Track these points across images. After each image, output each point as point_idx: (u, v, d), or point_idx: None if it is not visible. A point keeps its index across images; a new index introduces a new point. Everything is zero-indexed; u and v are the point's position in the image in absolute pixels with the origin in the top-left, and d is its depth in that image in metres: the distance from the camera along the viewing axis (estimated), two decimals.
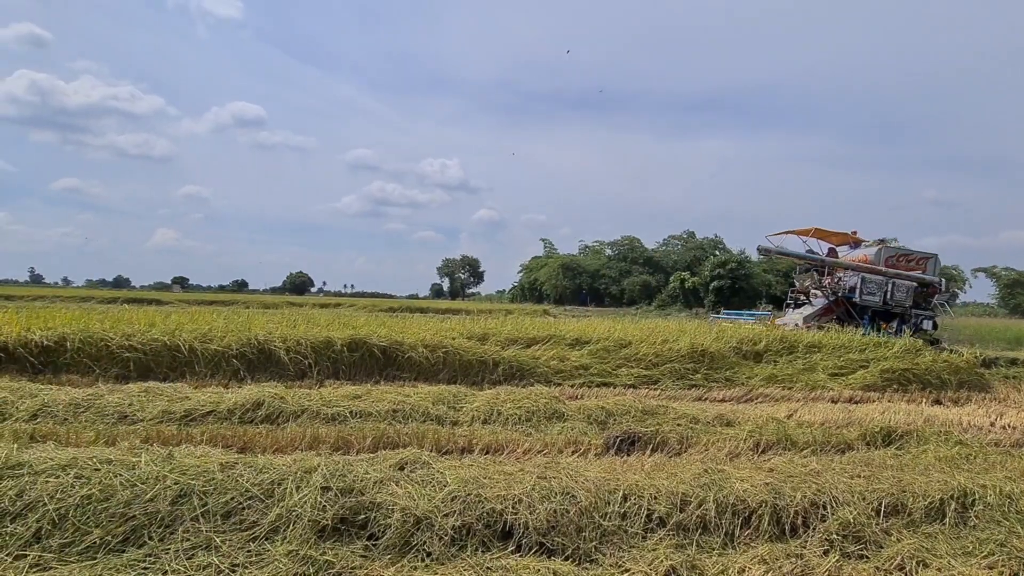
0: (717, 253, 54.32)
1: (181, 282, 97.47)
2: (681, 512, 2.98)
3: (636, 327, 10.41)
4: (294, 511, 2.65)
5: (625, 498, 3.02)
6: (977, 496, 3.24)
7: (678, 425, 5.24)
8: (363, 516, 2.72)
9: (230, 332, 7.27)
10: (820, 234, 16.42)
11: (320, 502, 2.71)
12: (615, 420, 5.38)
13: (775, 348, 9.57)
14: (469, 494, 2.87)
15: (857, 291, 14.59)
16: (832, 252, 16.64)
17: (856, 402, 7.51)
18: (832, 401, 7.50)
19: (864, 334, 11.45)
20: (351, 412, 5.15)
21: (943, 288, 15.77)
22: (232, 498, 2.69)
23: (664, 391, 7.55)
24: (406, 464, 3.20)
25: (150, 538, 2.48)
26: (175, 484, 2.71)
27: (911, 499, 3.21)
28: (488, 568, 2.51)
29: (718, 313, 20.68)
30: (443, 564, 2.53)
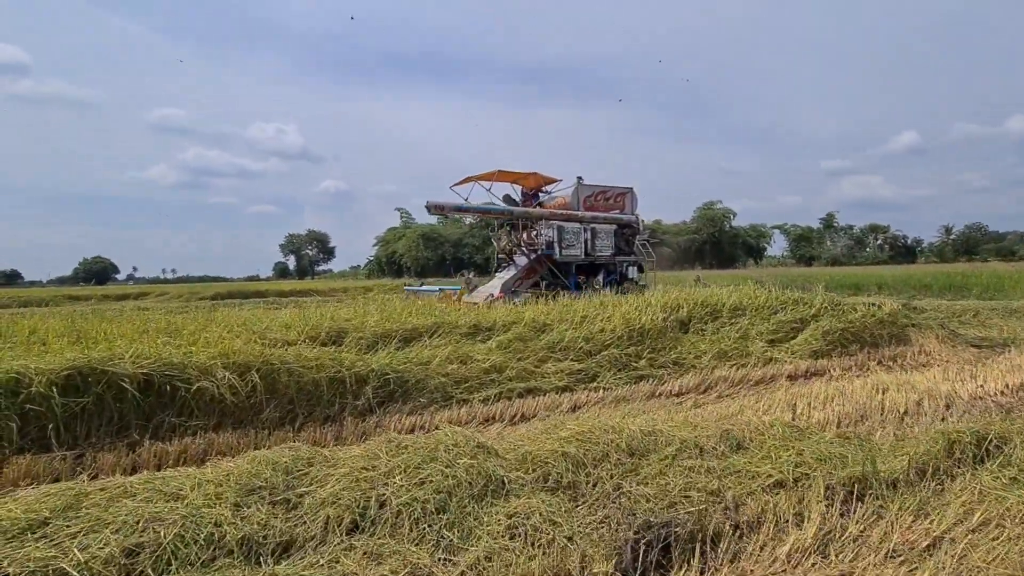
0: None
1: None
2: None
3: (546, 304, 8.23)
4: None
5: None
6: None
7: (689, 471, 3.11)
8: None
9: None
10: (504, 176, 13.22)
11: None
12: (590, 477, 3.06)
13: (698, 315, 8.16)
14: None
15: (556, 245, 12.05)
16: (528, 199, 13.84)
17: (816, 374, 6.27)
18: (791, 378, 6.16)
19: (573, 296, 9.61)
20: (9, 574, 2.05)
21: (640, 227, 13.67)
22: None
23: (608, 391, 5.46)
24: None
25: None
26: None
27: None
28: None
29: (420, 285, 16.49)
30: None
